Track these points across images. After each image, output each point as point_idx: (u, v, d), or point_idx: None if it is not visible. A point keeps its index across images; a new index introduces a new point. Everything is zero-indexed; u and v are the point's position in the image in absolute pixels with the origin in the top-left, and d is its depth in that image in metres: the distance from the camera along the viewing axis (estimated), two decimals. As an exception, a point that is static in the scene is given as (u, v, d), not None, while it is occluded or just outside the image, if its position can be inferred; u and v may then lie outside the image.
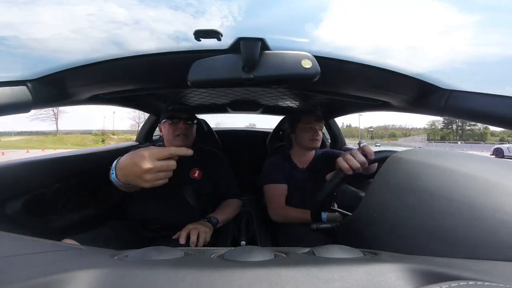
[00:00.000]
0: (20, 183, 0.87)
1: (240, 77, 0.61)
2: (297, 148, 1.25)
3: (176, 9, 0.61)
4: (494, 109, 0.67)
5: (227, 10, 0.59)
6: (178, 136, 1.07)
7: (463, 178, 0.36)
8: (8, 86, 0.69)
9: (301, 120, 1.20)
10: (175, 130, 1.07)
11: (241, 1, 0.62)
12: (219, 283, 0.22)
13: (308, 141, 1.18)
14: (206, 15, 0.63)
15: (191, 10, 0.61)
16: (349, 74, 0.81)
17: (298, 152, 1.25)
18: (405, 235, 0.38)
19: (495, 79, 0.77)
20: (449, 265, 0.26)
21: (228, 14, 0.60)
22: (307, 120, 1.19)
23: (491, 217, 0.31)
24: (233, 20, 0.60)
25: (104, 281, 0.22)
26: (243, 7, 0.61)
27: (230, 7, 0.59)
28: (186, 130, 1.09)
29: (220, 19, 0.61)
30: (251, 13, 0.63)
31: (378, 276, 0.23)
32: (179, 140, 1.08)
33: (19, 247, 0.32)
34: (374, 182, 0.50)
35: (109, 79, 0.86)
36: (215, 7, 0.62)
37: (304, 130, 1.19)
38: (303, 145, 1.21)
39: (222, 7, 0.60)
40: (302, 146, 1.22)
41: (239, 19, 0.60)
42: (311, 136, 1.18)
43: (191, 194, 1.06)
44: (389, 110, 1.12)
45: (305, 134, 1.18)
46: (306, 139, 1.18)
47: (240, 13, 0.60)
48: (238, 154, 2.13)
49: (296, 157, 1.25)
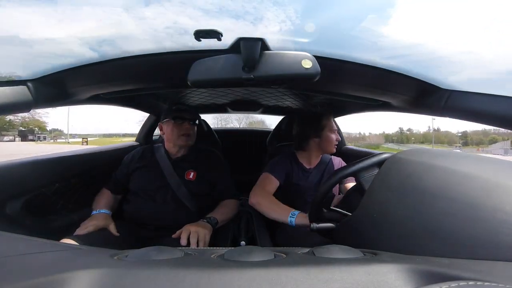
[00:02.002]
0: (20, 183, 0.87)
1: (240, 77, 0.61)
2: (314, 150, 1.23)
3: (238, 18, 0.62)
4: (494, 109, 0.67)
5: (284, 14, 0.60)
6: (182, 136, 1.10)
7: (463, 178, 0.36)
8: (8, 86, 0.70)
9: (327, 126, 1.19)
10: (179, 130, 1.10)
11: (296, 4, 0.62)
12: (219, 283, 0.22)
13: (333, 146, 1.18)
14: (264, 21, 0.64)
15: (250, 17, 0.63)
16: (349, 74, 0.81)
17: (311, 154, 1.24)
18: (405, 235, 0.38)
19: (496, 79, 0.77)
20: (449, 265, 0.26)
21: (286, 19, 0.60)
22: (332, 125, 1.20)
23: (491, 217, 0.31)
24: (291, 24, 0.61)
25: (104, 281, 0.22)
26: (299, 10, 0.61)
27: (286, 11, 0.60)
28: (190, 130, 1.12)
29: (278, 24, 0.62)
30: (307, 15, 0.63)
31: (378, 276, 0.23)
32: (183, 140, 1.11)
33: (19, 247, 0.32)
34: (374, 182, 0.50)
35: (109, 79, 0.86)
36: (270, 12, 0.62)
37: (331, 135, 1.18)
38: (328, 149, 1.20)
39: (278, 12, 0.61)
40: (325, 150, 1.21)
41: (297, 22, 0.61)
42: (335, 141, 1.18)
43: (187, 195, 1.06)
44: (389, 110, 1.12)
45: (332, 140, 1.18)
46: (332, 144, 1.18)
47: (297, 16, 0.60)
48: (238, 154, 2.13)
49: (303, 158, 1.25)
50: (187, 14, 0.60)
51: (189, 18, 0.61)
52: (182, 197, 1.05)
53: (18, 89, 0.72)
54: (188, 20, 0.61)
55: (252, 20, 0.64)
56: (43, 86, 0.77)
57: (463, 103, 0.74)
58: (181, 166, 1.12)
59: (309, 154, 1.24)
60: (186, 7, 0.59)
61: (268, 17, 0.64)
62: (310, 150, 1.24)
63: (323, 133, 1.19)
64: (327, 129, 1.19)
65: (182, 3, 0.59)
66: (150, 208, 1.04)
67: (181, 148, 1.15)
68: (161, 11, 0.60)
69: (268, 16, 0.63)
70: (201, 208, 1.08)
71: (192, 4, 0.60)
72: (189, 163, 1.14)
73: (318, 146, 1.21)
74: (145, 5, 0.61)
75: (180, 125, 1.10)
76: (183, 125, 1.10)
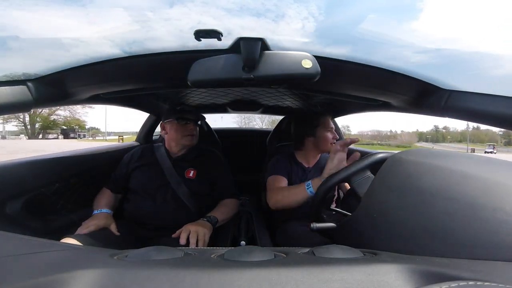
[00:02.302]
0: (20, 183, 0.87)
1: (240, 77, 0.61)
2: (310, 150, 1.24)
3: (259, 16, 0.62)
4: (494, 109, 0.67)
5: (306, 11, 0.60)
6: (186, 136, 1.12)
7: (463, 178, 0.36)
8: (8, 86, 0.69)
9: (321, 124, 1.20)
10: (184, 131, 1.12)
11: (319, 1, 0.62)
12: (219, 283, 0.22)
13: (329, 145, 1.18)
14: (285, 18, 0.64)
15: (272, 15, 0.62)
16: (349, 74, 0.81)
17: (308, 154, 1.24)
18: (405, 235, 0.38)
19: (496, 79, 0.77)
20: (449, 265, 0.26)
21: (308, 15, 0.60)
22: (327, 124, 1.20)
23: (491, 217, 0.31)
24: (314, 20, 0.60)
25: (104, 281, 0.22)
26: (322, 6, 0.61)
27: (309, 8, 0.59)
28: (194, 130, 1.15)
29: (300, 21, 0.62)
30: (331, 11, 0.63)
31: (378, 276, 0.23)
32: (187, 140, 1.13)
33: (19, 247, 0.32)
34: (374, 182, 0.50)
35: (109, 79, 0.86)
36: (292, 9, 0.62)
37: (326, 134, 1.19)
38: (323, 148, 1.20)
39: (300, 9, 0.60)
40: (321, 149, 1.22)
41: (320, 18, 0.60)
42: (331, 140, 1.18)
43: (186, 194, 1.06)
44: (389, 110, 1.12)
45: (328, 138, 1.18)
46: (328, 143, 1.18)
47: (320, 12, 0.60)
48: (238, 154, 2.13)
49: (301, 157, 1.25)
50: (210, 14, 0.61)
51: (212, 17, 0.62)
52: (182, 196, 1.06)
53: (18, 89, 0.71)
54: (211, 19, 0.63)
55: (274, 18, 0.64)
56: (43, 86, 0.77)
57: (463, 103, 0.74)
58: (181, 165, 1.13)
59: (306, 154, 1.25)
60: (209, 7, 0.60)
61: (290, 14, 0.63)
62: (306, 149, 1.25)
63: (318, 132, 1.20)
64: (321, 128, 1.19)
65: (204, 3, 0.60)
66: (150, 207, 1.04)
67: (183, 148, 1.15)
68: (185, 12, 0.61)
69: (289, 13, 0.63)
70: (201, 208, 1.08)
71: (214, 4, 0.61)
72: (189, 162, 1.14)
73: (314, 145, 1.22)
74: (170, 7, 0.61)
75: (185, 125, 1.12)
76: (188, 126, 1.13)
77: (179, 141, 1.12)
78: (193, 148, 1.18)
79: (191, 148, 1.17)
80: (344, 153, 0.90)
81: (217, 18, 0.62)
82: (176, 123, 1.11)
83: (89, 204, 1.08)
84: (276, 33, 0.59)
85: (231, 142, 2.05)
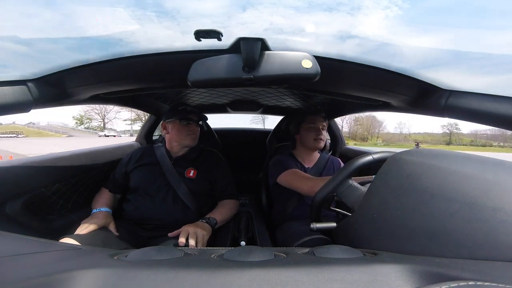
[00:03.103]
0: (20, 183, 0.87)
1: (240, 77, 0.61)
2: (301, 148, 1.26)
3: (331, 10, 0.58)
4: (494, 109, 0.67)
5: (387, 0, 0.54)
6: (189, 135, 1.13)
7: (463, 178, 0.36)
8: (8, 86, 0.69)
9: (305, 120, 1.21)
10: (187, 131, 1.13)
11: None
12: (219, 283, 0.22)
13: (313, 141, 1.19)
14: (362, 10, 0.59)
15: (346, 8, 0.57)
16: (349, 74, 0.81)
17: (303, 152, 1.26)
18: (405, 235, 0.38)
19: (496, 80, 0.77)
20: (449, 265, 0.26)
21: (390, 4, 0.55)
22: (311, 120, 1.20)
23: (491, 217, 0.31)
24: (398, 9, 0.55)
25: (104, 280, 0.22)
26: None
27: None
28: (196, 131, 1.16)
29: (381, 10, 0.56)
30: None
31: (378, 276, 0.23)
32: (190, 140, 1.14)
33: (19, 247, 0.32)
34: (374, 182, 0.50)
35: (109, 79, 0.86)
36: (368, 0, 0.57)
37: (308, 130, 1.20)
38: (308, 145, 1.21)
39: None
40: (307, 146, 1.23)
41: (405, 7, 0.55)
42: (315, 136, 1.18)
43: (186, 193, 1.07)
44: (389, 110, 1.12)
45: (310, 134, 1.19)
46: (310, 139, 1.19)
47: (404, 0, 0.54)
48: (238, 154, 2.13)
49: (300, 157, 1.26)
50: (280, 14, 0.60)
51: (282, 17, 0.61)
52: (182, 196, 1.06)
53: (18, 89, 0.71)
54: (282, 19, 0.61)
55: (349, 11, 0.59)
56: (43, 86, 0.77)
57: (463, 103, 0.74)
58: (181, 164, 1.13)
59: (300, 152, 1.26)
60: (277, 7, 0.59)
61: (366, 5, 0.58)
62: (298, 148, 1.27)
63: (302, 128, 1.21)
64: (305, 124, 1.20)
65: (273, 4, 0.58)
66: (150, 207, 1.04)
67: (184, 148, 1.16)
68: (256, 15, 0.60)
69: (366, 3, 0.58)
70: (201, 208, 1.08)
71: (282, 3, 0.59)
72: (190, 161, 1.15)
73: (301, 142, 1.24)
74: (243, 11, 0.61)
75: (187, 125, 1.12)
76: (190, 126, 1.13)
77: (181, 141, 1.13)
78: (194, 148, 1.18)
79: (191, 148, 1.17)
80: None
81: (286, 17, 0.61)
82: (178, 123, 1.12)
83: (89, 204, 1.08)
84: (353, 26, 0.55)
85: (231, 142, 2.05)
